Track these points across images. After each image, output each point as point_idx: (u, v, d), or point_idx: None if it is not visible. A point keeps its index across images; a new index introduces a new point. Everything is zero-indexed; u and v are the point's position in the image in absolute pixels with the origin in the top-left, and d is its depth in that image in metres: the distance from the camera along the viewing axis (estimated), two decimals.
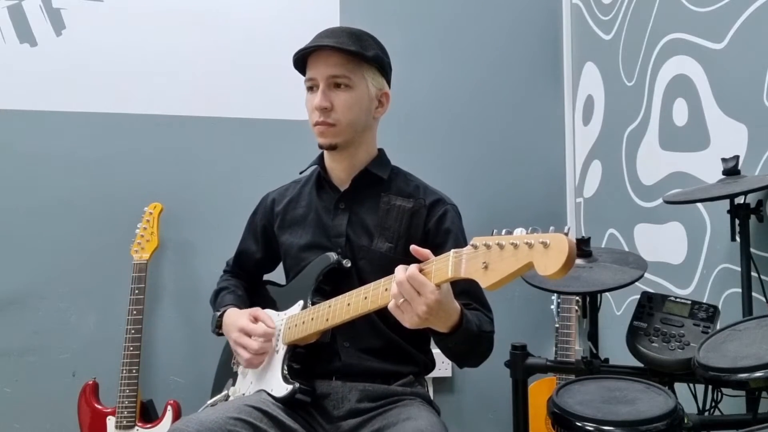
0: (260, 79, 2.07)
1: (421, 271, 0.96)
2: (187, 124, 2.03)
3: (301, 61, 1.27)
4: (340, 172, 1.32)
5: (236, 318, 1.28)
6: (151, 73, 2.01)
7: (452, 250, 0.92)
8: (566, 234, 0.76)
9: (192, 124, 2.03)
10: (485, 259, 0.84)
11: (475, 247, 0.86)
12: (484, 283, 0.84)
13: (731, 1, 1.38)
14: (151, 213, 1.89)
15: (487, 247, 0.84)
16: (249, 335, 1.23)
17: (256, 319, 1.26)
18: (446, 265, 0.92)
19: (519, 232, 0.83)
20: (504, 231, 0.85)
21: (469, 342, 1.09)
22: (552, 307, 1.99)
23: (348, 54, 1.22)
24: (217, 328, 1.34)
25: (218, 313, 1.34)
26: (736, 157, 1.26)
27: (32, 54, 1.95)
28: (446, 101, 2.19)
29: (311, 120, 1.26)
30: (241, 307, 1.35)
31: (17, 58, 1.94)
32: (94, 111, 1.98)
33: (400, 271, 0.96)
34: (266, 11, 2.10)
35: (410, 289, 0.95)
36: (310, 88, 1.26)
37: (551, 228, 0.79)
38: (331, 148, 1.26)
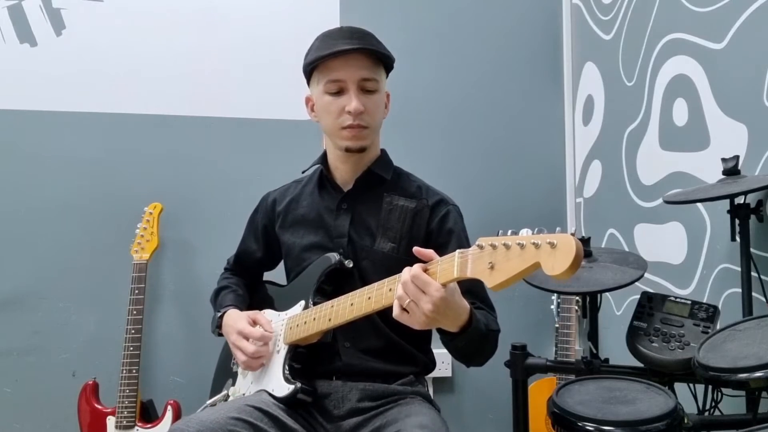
0: (260, 79, 2.07)
1: (426, 271, 0.96)
2: (187, 124, 2.03)
3: (314, 63, 1.25)
4: (346, 172, 1.32)
5: (236, 320, 1.28)
6: (151, 73, 2.01)
7: (458, 251, 0.92)
8: (573, 234, 0.76)
9: (192, 124, 2.03)
10: (491, 259, 0.84)
11: (480, 247, 0.87)
12: (490, 283, 0.84)
13: (731, 1, 1.38)
14: (151, 213, 1.89)
15: (493, 247, 0.84)
16: (247, 338, 1.23)
17: (255, 323, 1.26)
18: (452, 265, 0.92)
19: (524, 232, 0.83)
20: (509, 231, 0.85)
21: (478, 341, 1.09)
22: (552, 307, 1.99)
23: (376, 56, 1.23)
24: (218, 328, 1.34)
25: (219, 314, 1.34)
26: (736, 157, 1.26)
27: (32, 54, 1.95)
28: (446, 101, 2.19)
29: (338, 123, 1.23)
30: (241, 307, 1.36)
31: (17, 58, 1.94)
32: (94, 111, 1.98)
33: (406, 272, 0.97)
34: (266, 11, 2.10)
35: (415, 289, 0.94)
36: (336, 92, 1.23)
37: (557, 229, 0.80)
38: (361, 150, 1.26)
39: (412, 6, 2.18)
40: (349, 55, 1.22)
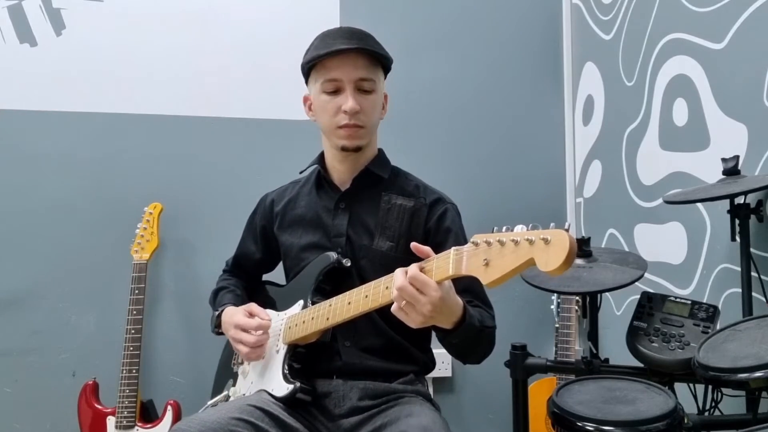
0: (260, 79, 2.07)
1: (421, 269, 0.96)
2: (187, 124, 2.03)
3: (312, 62, 1.26)
4: (344, 172, 1.32)
5: (232, 315, 1.29)
6: (151, 73, 2.01)
7: (453, 248, 0.92)
8: (567, 230, 0.76)
9: (192, 124, 2.03)
10: (486, 255, 0.84)
11: (475, 244, 0.87)
12: (485, 280, 0.85)
13: (731, 1, 1.38)
14: (151, 213, 1.89)
15: (488, 244, 0.85)
16: (245, 330, 1.24)
17: (251, 314, 1.28)
18: (447, 263, 0.92)
19: (519, 229, 0.83)
20: (504, 228, 0.85)
21: (472, 337, 1.09)
22: (552, 307, 1.99)
23: (374, 56, 1.23)
24: (216, 327, 1.35)
25: (217, 313, 1.35)
26: (736, 157, 1.26)
27: (32, 54, 1.95)
28: (446, 101, 2.19)
29: (333, 122, 1.24)
30: (239, 305, 1.36)
31: (17, 58, 1.94)
32: (94, 111, 1.98)
33: (400, 276, 0.96)
34: (266, 11, 2.10)
35: (414, 292, 0.95)
36: (333, 91, 1.24)
37: (552, 225, 0.79)
38: (357, 150, 1.27)
39: (412, 6, 2.18)
40: (347, 55, 1.22)
